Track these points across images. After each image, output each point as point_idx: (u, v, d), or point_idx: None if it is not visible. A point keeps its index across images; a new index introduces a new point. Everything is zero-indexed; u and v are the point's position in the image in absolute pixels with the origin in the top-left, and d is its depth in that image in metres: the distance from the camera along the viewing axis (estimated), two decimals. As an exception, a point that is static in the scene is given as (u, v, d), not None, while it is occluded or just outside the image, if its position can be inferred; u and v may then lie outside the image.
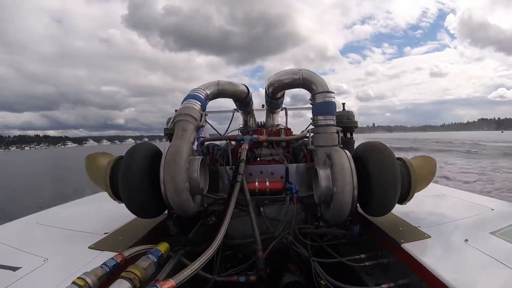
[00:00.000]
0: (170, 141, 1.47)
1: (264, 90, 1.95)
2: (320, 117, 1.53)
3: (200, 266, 1.12)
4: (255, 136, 1.76)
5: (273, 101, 2.10)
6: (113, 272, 1.05)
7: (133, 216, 1.51)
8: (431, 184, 1.65)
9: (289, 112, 2.96)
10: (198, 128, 1.50)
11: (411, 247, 1.29)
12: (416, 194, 1.49)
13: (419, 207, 1.58)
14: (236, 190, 1.44)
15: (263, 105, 2.41)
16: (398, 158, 1.49)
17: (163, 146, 1.45)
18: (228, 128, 2.47)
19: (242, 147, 1.63)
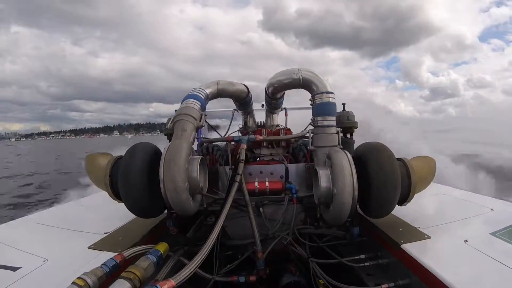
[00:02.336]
0: (170, 141, 1.47)
1: (264, 90, 1.95)
2: (320, 118, 1.52)
3: (197, 265, 1.12)
4: (252, 136, 1.76)
5: (273, 101, 2.09)
6: (113, 272, 1.05)
7: (132, 216, 1.51)
8: (431, 184, 1.65)
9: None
10: (198, 128, 1.50)
11: (411, 248, 1.29)
12: (416, 194, 1.48)
13: (418, 207, 1.58)
14: (233, 189, 1.43)
15: (262, 105, 2.41)
16: (398, 159, 1.49)
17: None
18: (228, 129, 2.47)
19: (241, 147, 1.63)
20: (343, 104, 1.83)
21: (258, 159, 1.96)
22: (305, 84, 1.58)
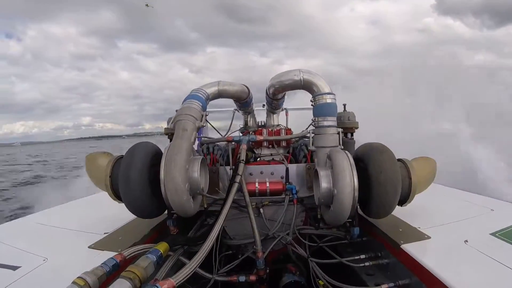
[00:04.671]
0: (170, 141, 1.47)
1: (265, 91, 1.95)
2: (320, 118, 1.53)
3: (197, 264, 1.12)
4: (252, 136, 1.76)
5: (274, 101, 2.10)
6: (113, 271, 1.05)
7: (133, 216, 1.51)
8: (431, 184, 1.65)
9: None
10: (199, 128, 1.50)
11: (411, 248, 1.29)
12: (416, 195, 1.49)
13: (419, 208, 1.58)
14: (233, 190, 1.43)
15: (263, 105, 2.41)
16: (399, 159, 1.49)
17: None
18: (229, 129, 2.47)
19: (241, 147, 1.63)
20: (344, 105, 1.83)
21: (258, 159, 1.96)
22: (306, 85, 1.58)
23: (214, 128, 2.41)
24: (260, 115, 2.71)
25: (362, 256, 1.60)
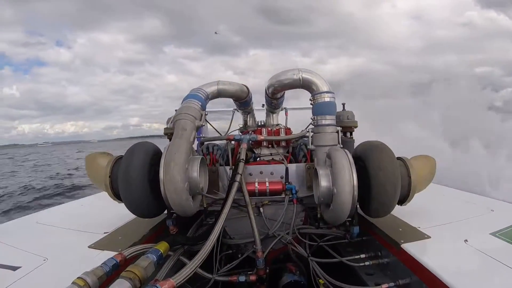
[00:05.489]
0: (170, 141, 1.47)
1: (264, 90, 1.94)
2: (320, 117, 1.53)
3: (198, 265, 1.12)
4: (253, 135, 1.76)
5: (273, 101, 2.09)
6: (113, 271, 1.05)
7: (133, 216, 1.51)
8: (431, 184, 1.65)
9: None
10: (198, 128, 1.50)
11: (411, 248, 1.29)
12: (416, 194, 1.48)
13: (419, 207, 1.58)
14: (233, 189, 1.43)
15: (263, 105, 2.41)
16: (398, 158, 1.48)
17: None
18: (229, 128, 2.47)
19: (241, 146, 1.63)
20: (343, 104, 1.83)
21: (258, 159, 1.96)
22: (305, 84, 1.58)
23: (214, 128, 2.41)
24: (260, 115, 2.71)
25: (362, 256, 1.60)
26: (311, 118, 1.59)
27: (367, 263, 1.56)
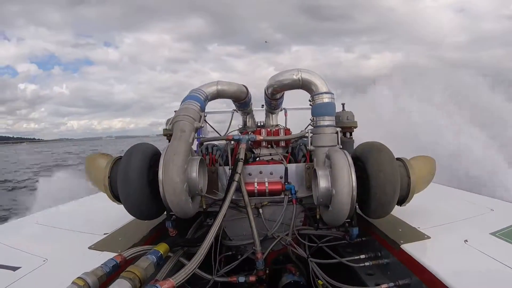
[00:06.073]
0: (169, 142, 1.47)
1: (264, 90, 1.95)
2: (319, 118, 1.53)
3: (197, 265, 1.12)
4: (252, 135, 1.76)
5: (273, 101, 2.09)
6: (113, 272, 1.05)
7: (132, 217, 1.51)
8: (431, 184, 1.65)
9: None
10: (197, 129, 1.50)
11: (411, 248, 1.29)
12: (416, 194, 1.48)
13: (418, 207, 1.58)
14: (232, 189, 1.43)
15: (262, 105, 2.41)
16: (398, 158, 1.48)
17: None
18: (228, 129, 2.47)
19: (240, 146, 1.63)
20: (343, 104, 1.83)
21: (257, 159, 1.96)
22: (304, 84, 1.58)
23: (213, 128, 2.41)
24: (260, 116, 2.71)
25: (362, 256, 1.60)
26: (310, 119, 1.59)
27: (367, 263, 1.56)
